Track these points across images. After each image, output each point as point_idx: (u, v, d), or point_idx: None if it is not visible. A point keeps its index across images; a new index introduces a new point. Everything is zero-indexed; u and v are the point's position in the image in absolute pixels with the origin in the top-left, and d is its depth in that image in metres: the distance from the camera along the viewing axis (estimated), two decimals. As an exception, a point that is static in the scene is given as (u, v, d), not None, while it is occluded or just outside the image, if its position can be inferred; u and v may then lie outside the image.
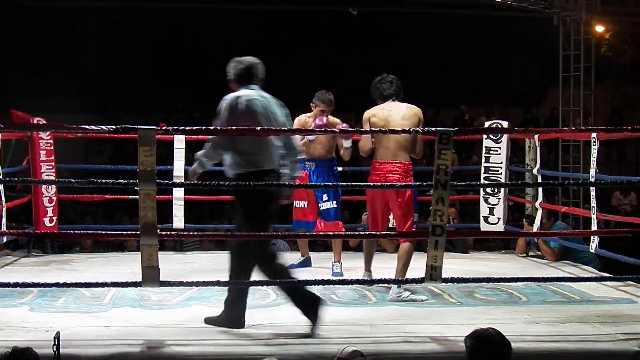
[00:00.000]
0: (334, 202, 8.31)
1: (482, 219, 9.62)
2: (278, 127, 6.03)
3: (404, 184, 6.90)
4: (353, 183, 6.95)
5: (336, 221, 8.35)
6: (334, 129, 7.81)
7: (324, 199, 8.29)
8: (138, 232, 5.55)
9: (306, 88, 8.58)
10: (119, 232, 6.89)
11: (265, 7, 18.56)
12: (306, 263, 8.63)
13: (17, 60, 17.09)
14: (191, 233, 8.37)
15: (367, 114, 7.28)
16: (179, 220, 9.15)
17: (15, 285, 5.92)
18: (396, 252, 9.57)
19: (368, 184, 7.11)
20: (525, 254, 9.57)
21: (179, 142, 9.09)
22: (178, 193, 9.20)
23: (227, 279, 5.97)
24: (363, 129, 7.25)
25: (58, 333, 4.68)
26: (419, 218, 7.35)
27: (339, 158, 8.49)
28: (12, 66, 16.58)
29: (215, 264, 8.75)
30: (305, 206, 8.39)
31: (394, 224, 9.64)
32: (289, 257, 8.08)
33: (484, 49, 19.50)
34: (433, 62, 19.38)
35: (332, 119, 8.17)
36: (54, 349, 4.63)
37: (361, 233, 8.19)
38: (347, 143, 7.90)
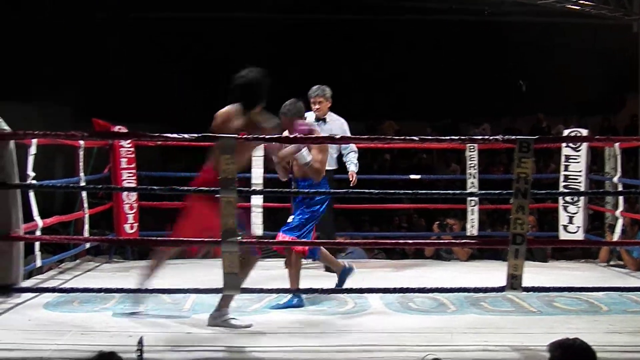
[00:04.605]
0: (294, 216, 7.08)
1: (561, 227, 9.51)
2: None
3: None
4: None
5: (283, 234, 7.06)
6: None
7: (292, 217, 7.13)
8: (218, 239, 5.62)
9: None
10: (200, 239, 6.94)
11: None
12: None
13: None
14: (270, 240, 8.42)
15: None
16: (257, 227, 9.21)
17: (99, 290, 6.03)
18: (469, 261, 9.64)
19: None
20: (606, 263, 9.44)
21: (257, 150, 9.14)
22: (257, 200, 9.27)
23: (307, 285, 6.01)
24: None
25: (142, 338, 4.74)
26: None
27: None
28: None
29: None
30: None
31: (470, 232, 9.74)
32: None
33: (560, 56, 19.33)
34: (509, 71, 19.26)
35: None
36: (138, 354, 4.69)
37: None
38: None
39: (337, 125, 8.50)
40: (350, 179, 8.55)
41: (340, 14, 18.91)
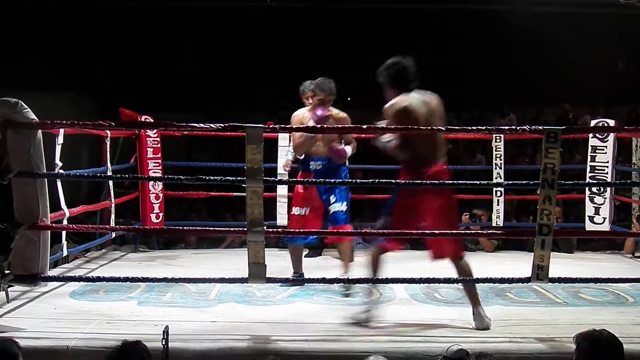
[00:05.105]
0: (344, 203, 7.20)
1: (587, 218, 9.46)
2: None
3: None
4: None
5: (344, 225, 7.21)
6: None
7: (332, 201, 7.18)
8: (243, 229, 5.62)
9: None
10: (226, 229, 6.97)
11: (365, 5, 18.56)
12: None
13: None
14: (295, 230, 8.42)
15: None
16: (282, 217, 9.21)
17: (125, 279, 6.05)
18: (495, 252, 9.60)
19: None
20: (632, 254, 9.40)
21: (283, 140, 9.14)
22: (282, 190, 9.27)
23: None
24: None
25: (167, 327, 4.76)
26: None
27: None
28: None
29: (319, 261, 8.82)
30: (306, 213, 7.36)
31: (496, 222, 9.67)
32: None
33: (585, 46, 19.21)
34: (536, 60, 19.15)
35: (336, 112, 7.18)
36: (163, 343, 4.71)
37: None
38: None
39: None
40: None
41: (374, 3, 18.82)
